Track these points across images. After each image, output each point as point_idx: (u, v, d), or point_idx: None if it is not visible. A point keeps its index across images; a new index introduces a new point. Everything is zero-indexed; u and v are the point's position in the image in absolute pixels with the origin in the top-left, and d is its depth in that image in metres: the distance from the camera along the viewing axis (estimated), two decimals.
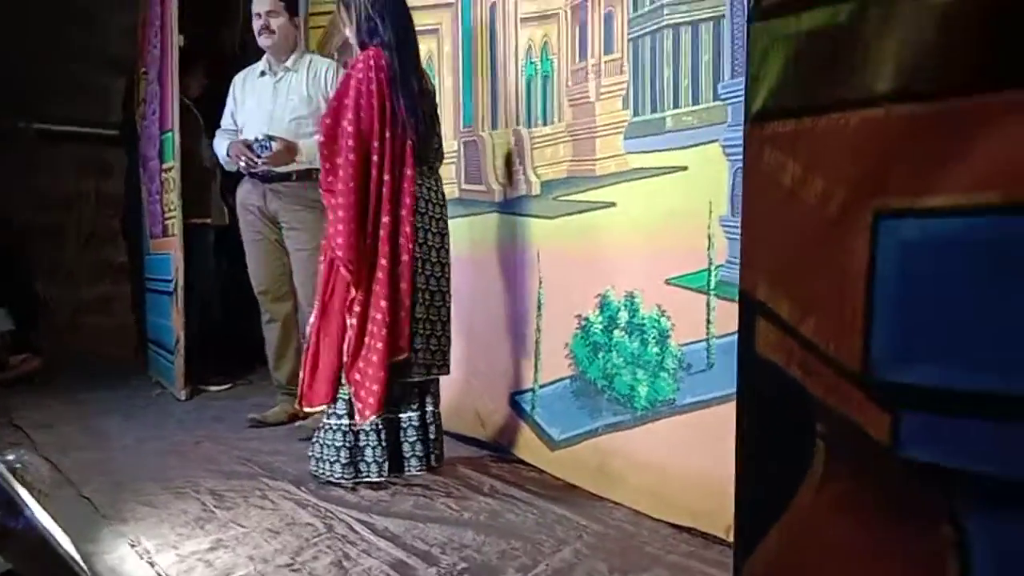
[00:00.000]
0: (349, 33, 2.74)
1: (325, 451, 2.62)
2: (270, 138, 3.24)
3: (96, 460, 2.94)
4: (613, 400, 2.52)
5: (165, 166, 4.23)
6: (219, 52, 5.25)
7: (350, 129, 2.51)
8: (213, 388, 4.38)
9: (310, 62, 3.50)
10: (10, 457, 1.94)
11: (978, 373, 0.66)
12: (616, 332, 2.51)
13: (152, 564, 1.99)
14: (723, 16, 2.13)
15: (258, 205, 3.45)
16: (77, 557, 1.85)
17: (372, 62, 2.55)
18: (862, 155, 0.73)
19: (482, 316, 3.15)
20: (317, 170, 2.92)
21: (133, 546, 2.10)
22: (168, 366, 4.34)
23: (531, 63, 2.93)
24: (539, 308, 2.92)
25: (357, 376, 2.55)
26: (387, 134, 2.54)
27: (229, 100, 3.61)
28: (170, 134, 4.08)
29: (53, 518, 1.83)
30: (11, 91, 4.87)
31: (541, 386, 2.90)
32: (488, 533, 2.19)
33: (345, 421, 2.59)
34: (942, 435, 0.69)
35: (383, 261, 2.53)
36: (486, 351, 3.12)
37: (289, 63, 3.47)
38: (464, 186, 3.31)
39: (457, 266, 2.81)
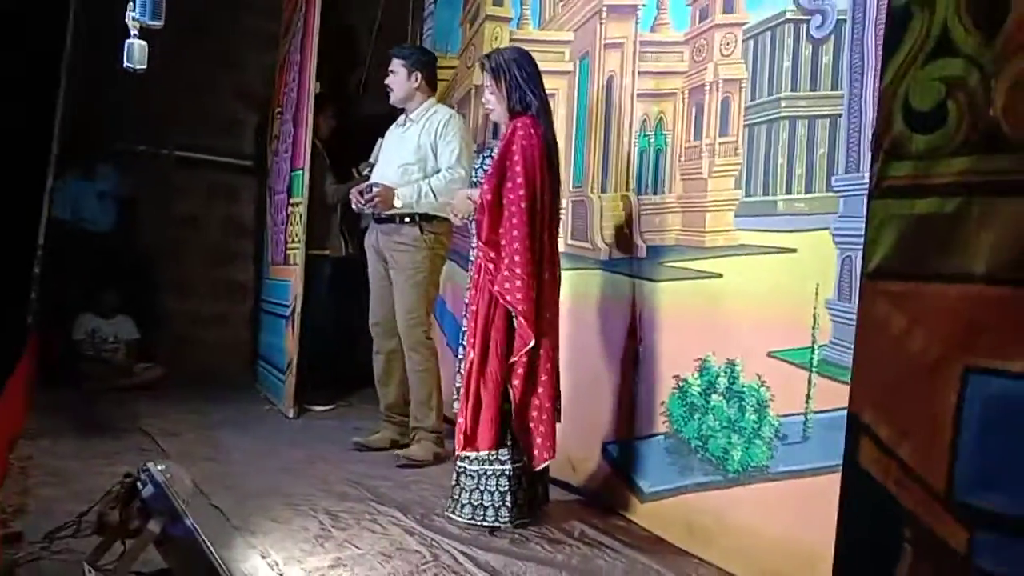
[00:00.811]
0: (494, 99, 2.94)
1: (483, 497, 2.75)
2: (371, 186, 3.57)
3: (220, 472, 3.22)
4: (706, 460, 2.67)
5: (293, 200, 4.58)
6: (346, 94, 5.64)
7: (521, 192, 2.71)
8: (318, 408, 4.67)
9: (433, 112, 3.77)
10: (161, 467, 2.19)
11: None
12: (714, 396, 2.66)
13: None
14: (840, 115, 2.28)
15: (372, 244, 3.78)
16: (224, 564, 2.10)
17: (532, 130, 2.77)
18: (958, 320, 0.91)
19: (580, 367, 3.33)
20: (423, 217, 3.43)
21: (264, 557, 2.34)
22: (278, 385, 4.66)
23: (644, 136, 3.13)
24: (636, 365, 3.09)
25: (531, 424, 2.73)
26: (547, 196, 2.78)
27: (375, 149, 4.03)
28: (300, 172, 4.43)
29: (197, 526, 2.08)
30: (158, 122, 5.35)
31: (634, 439, 3.06)
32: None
33: (509, 466, 2.75)
34: (1010, 553, 0.85)
35: (547, 314, 2.77)
36: (581, 400, 3.29)
37: (414, 115, 3.77)
38: (570, 241, 3.52)
39: (559, 315, 3.00)
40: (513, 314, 2.72)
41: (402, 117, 3.85)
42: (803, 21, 2.42)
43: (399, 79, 3.77)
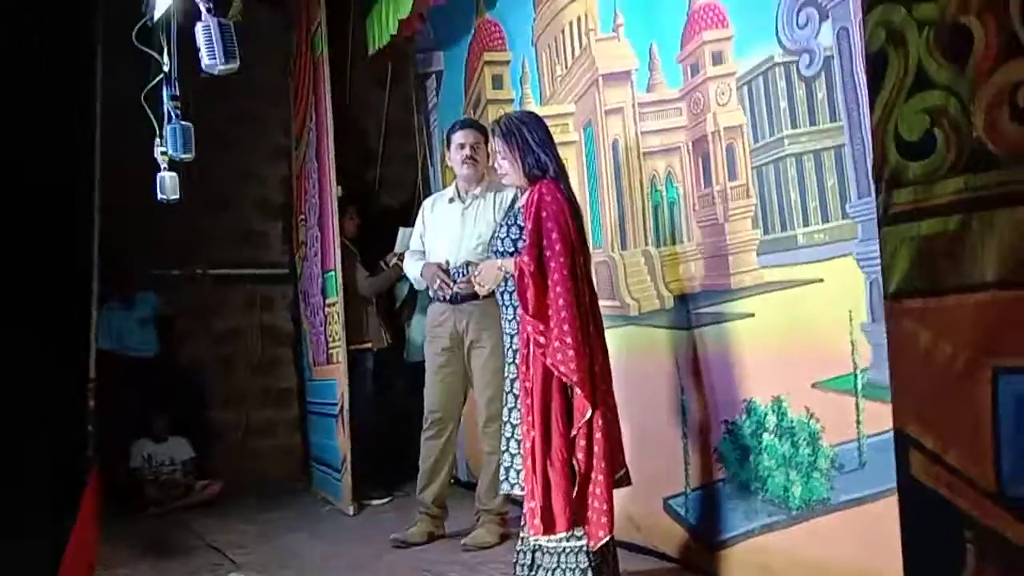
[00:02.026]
0: (507, 164, 2.87)
1: (565, 574, 2.67)
2: (468, 263, 3.52)
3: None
4: (768, 501, 2.68)
5: (328, 301, 4.72)
6: (365, 191, 5.85)
7: (562, 259, 2.62)
8: (375, 502, 4.69)
9: (498, 189, 3.68)
10: (239, 575, 2.26)
11: None
12: (765, 435, 2.69)
13: None
14: (843, 145, 2.37)
15: (447, 327, 3.68)
16: None
17: (558, 195, 2.70)
18: (979, 327, 0.97)
19: (629, 425, 3.35)
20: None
21: None
22: (335, 483, 4.70)
23: (656, 191, 3.23)
24: (683, 414, 3.13)
25: (588, 500, 2.62)
26: (581, 259, 2.71)
27: (418, 223, 3.91)
28: (332, 273, 4.57)
29: None
30: (188, 243, 5.56)
31: (693, 489, 3.07)
32: None
33: (585, 542, 2.65)
34: None
35: (601, 385, 2.66)
36: (634, 458, 3.31)
37: (478, 191, 3.70)
38: (599, 302, 3.59)
39: None
40: (569, 386, 2.63)
41: (451, 193, 3.78)
42: (792, 63, 2.53)
43: (484, 154, 3.67)
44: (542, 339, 2.64)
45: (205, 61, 3.12)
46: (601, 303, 3.51)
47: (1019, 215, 0.94)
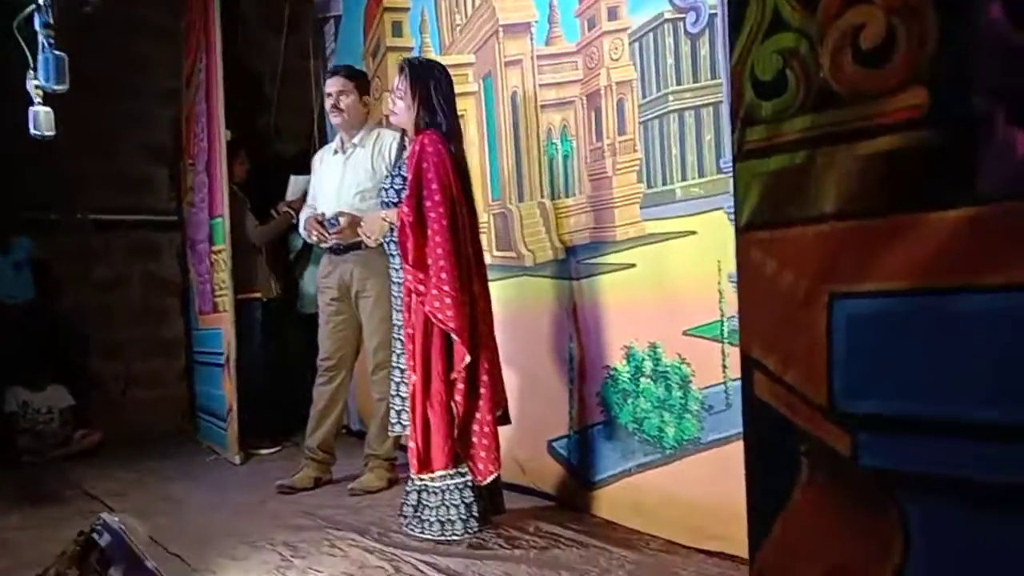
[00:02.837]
0: (403, 105, 2.90)
1: (449, 511, 2.76)
2: (338, 215, 3.54)
3: (173, 523, 3.19)
4: (644, 441, 2.81)
5: (215, 248, 4.60)
6: (258, 137, 5.68)
7: (440, 209, 2.69)
8: (263, 451, 4.66)
9: (377, 136, 3.71)
10: (116, 518, 2.22)
11: (904, 402, 0.98)
12: (643, 379, 2.81)
13: None
14: (721, 102, 2.47)
15: (334, 278, 3.70)
16: None
17: (440, 146, 2.76)
18: (818, 256, 1.06)
19: (518, 371, 3.44)
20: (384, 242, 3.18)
21: None
22: (221, 433, 4.64)
23: (552, 143, 3.28)
24: (570, 361, 3.22)
25: (473, 438, 2.73)
26: (464, 209, 2.78)
27: (312, 177, 3.93)
28: (220, 219, 4.45)
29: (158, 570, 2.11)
30: (67, 186, 5.30)
31: (575, 432, 3.18)
32: (539, 566, 2.46)
33: (469, 478, 2.76)
34: (886, 448, 1.00)
35: (483, 327, 2.79)
36: (522, 403, 3.40)
37: (357, 139, 3.70)
38: (496, 252, 3.64)
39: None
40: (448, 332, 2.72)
41: (336, 143, 3.79)
42: (680, 19, 2.61)
43: (352, 102, 3.68)
44: (422, 287, 2.74)
45: None
46: (497, 254, 3.61)
47: (857, 151, 1.02)
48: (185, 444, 5.07)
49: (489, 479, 2.75)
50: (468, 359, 2.71)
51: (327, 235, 3.59)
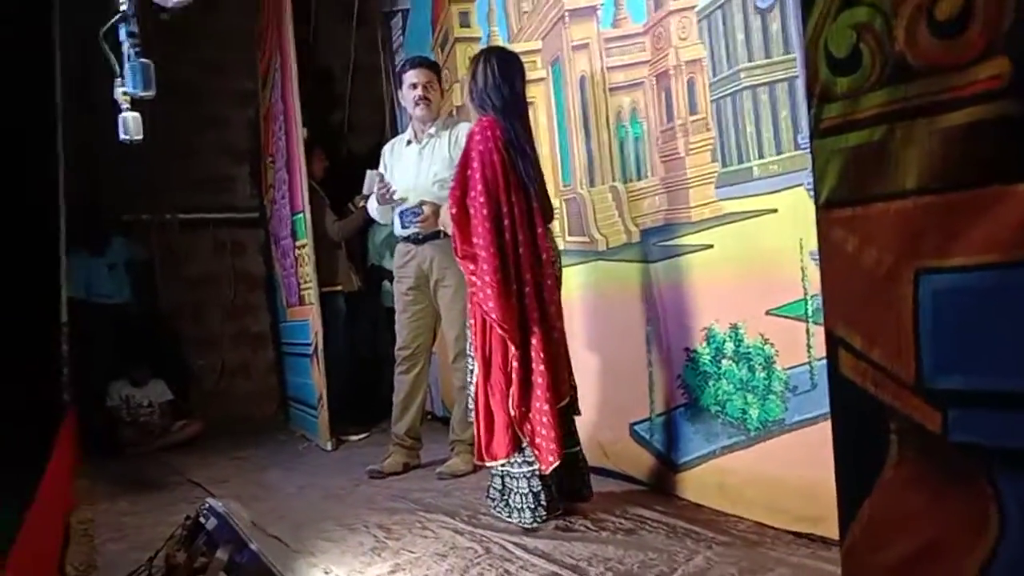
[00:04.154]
0: (465, 97, 3.01)
1: (519, 499, 2.77)
2: (421, 203, 3.61)
3: (271, 507, 3.34)
4: (727, 423, 2.80)
5: (298, 243, 4.74)
6: (332, 133, 5.82)
7: (481, 199, 2.72)
8: (353, 438, 4.81)
9: (454, 126, 3.77)
10: (221, 503, 2.33)
11: (994, 377, 0.96)
12: (724, 361, 2.79)
13: None
14: (796, 77, 2.42)
15: (412, 266, 3.76)
16: None
17: (488, 132, 2.77)
18: (901, 232, 1.05)
19: (598, 356, 3.47)
20: None
21: (327, 573, 2.47)
22: (312, 421, 4.80)
23: (622, 126, 3.27)
24: (648, 344, 3.22)
25: (530, 427, 2.73)
26: (512, 197, 2.75)
27: (380, 166, 3.96)
28: (301, 215, 4.59)
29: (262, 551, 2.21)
30: (156, 188, 5.54)
31: (658, 415, 3.19)
32: (626, 547, 2.49)
33: (533, 467, 2.76)
34: (977, 423, 0.99)
35: (535, 315, 2.74)
36: (603, 387, 3.43)
37: (433, 130, 3.75)
38: (568, 238, 3.66)
39: (568, 310, 3.10)
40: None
41: (408, 135, 3.85)
42: None
43: (437, 93, 3.76)
44: (474, 279, 2.77)
45: None
46: (570, 239, 3.62)
47: (935, 125, 1.00)
48: (278, 433, 5.27)
49: (552, 468, 2.73)
50: (513, 350, 2.73)
51: (389, 191, 3.65)
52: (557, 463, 2.71)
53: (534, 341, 2.74)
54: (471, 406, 3.13)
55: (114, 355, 5.16)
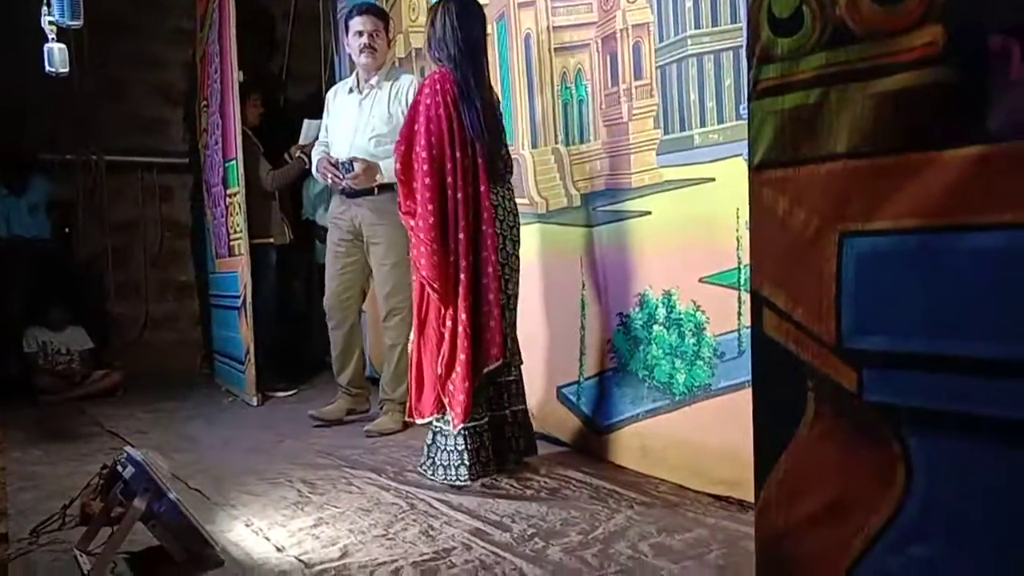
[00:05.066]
0: (423, 44, 2.95)
1: (449, 456, 2.78)
2: (352, 160, 3.54)
3: (192, 460, 3.29)
4: (654, 388, 2.84)
5: (230, 191, 4.62)
6: (271, 80, 5.66)
7: (423, 155, 2.69)
8: (280, 394, 4.74)
9: (396, 78, 3.69)
10: (139, 452, 2.28)
11: (909, 339, 1.00)
12: (655, 327, 2.83)
13: (267, 539, 2.33)
14: (741, 46, 2.43)
15: (345, 220, 3.72)
16: (208, 534, 2.21)
17: (438, 86, 2.74)
18: (829, 194, 1.07)
19: (529, 318, 3.47)
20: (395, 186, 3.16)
21: (247, 525, 2.45)
22: (238, 375, 4.72)
23: (566, 88, 3.25)
24: (582, 308, 3.24)
25: (450, 387, 2.74)
26: (457, 154, 2.72)
27: (325, 114, 3.88)
28: (233, 162, 4.46)
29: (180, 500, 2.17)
30: (81, 127, 5.32)
31: (586, 378, 3.22)
32: (550, 505, 2.52)
33: (470, 424, 2.75)
34: (890, 382, 1.03)
35: (462, 276, 2.72)
36: (533, 349, 3.44)
37: (374, 81, 3.67)
38: None
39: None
40: None
41: (351, 83, 3.77)
42: None
43: (383, 41, 3.66)
44: (412, 236, 2.77)
45: None
46: None
47: (871, 89, 1.02)
48: (202, 386, 5.17)
49: (459, 427, 2.74)
50: (445, 309, 2.74)
51: (341, 177, 3.59)
52: (462, 424, 2.72)
53: (459, 301, 2.73)
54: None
55: (33, 297, 4.97)
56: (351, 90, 3.76)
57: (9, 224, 5.05)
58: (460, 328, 2.72)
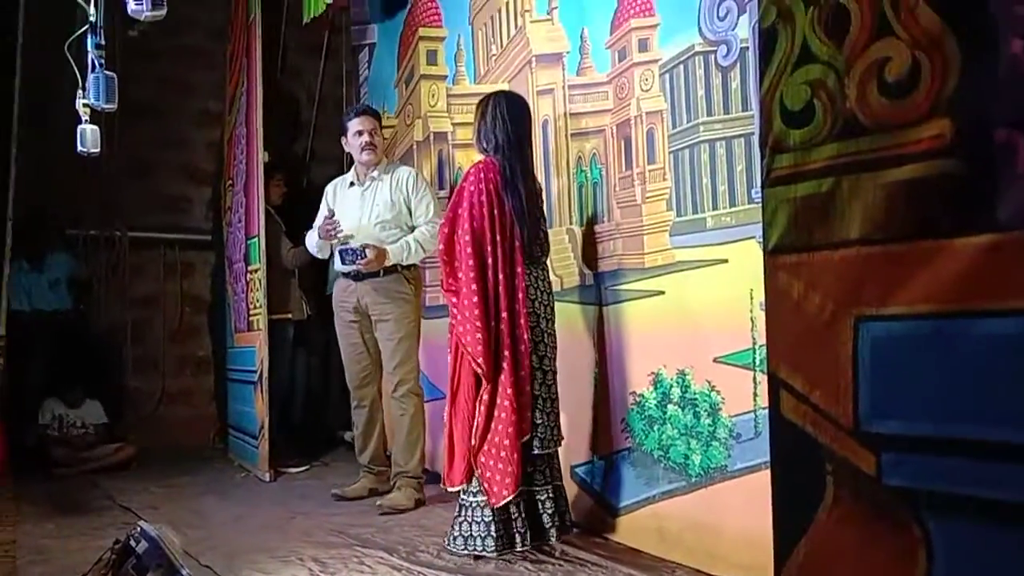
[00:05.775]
0: (473, 136, 3.14)
1: (474, 528, 2.83)
2: (365, 247, 3.66)
3: (204, 536, 3.25)
4: (669, 468, 2.82)
5: (251, 268, 4.70)
6: (294, 161, 5.81)
7: (466, 237, 2.85)
8: (293, 470, 4.70)
9: (395, 170, 3.93)
10: (153, 527, 2.27)
11: (927, 423, 1.01)
12: (670, 406, 2.82)
13: None
14: (753, 133, 2.50)
15: (351, 301, 3.85)
16: None
17: (482, 174, 2.91)
18: (844, 279, 1.10)
19: None
20: (404, 266, 3.55)
21: None
22: (251, 450, 4.70)
23: (581, 171, 3.34)
24: (595, 386, 3.25)
25: (485, 460, 2.79)
26: (498, 237, 2.86)
27: (323, 205, 4.05)
28: (256, 240, 4.55)
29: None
30: (108, 204, 5.45)
31: (600, 457, 3.20)
32: None
33: (486, 498, 2.80)
34: (909, 466, 1.03)
35: (506, 352, 2.83)
36: None
37: (375, 173, 3.89)
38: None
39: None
40: None
41: (351, 176, 3.99)
42: (711, 52, 2.66)
43: (380, 139, 3.96)
44: (455, 311, 2.89)
45: (131, 6, 3.08)
46: None
47: (882, 179, 1.06)
48: (215, 461, 5.14)
49: (501, 503, 2.77)
50: (484, 384, 2.83)
51: (336, 224, 3.78)
52: (511, 497, 2.75)
53: (502, 377, 2.83)
54: None
55: (50, 373, 5.01)
56: (352, 184, 3.97)
57: (31, 298, 5.12)
58: (506, 403, 2.81)
